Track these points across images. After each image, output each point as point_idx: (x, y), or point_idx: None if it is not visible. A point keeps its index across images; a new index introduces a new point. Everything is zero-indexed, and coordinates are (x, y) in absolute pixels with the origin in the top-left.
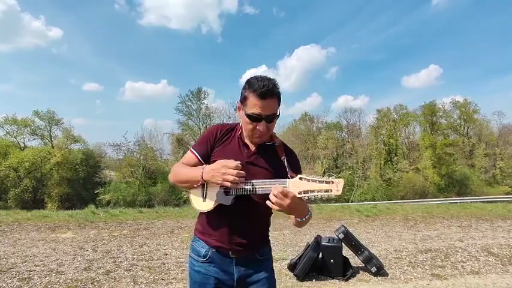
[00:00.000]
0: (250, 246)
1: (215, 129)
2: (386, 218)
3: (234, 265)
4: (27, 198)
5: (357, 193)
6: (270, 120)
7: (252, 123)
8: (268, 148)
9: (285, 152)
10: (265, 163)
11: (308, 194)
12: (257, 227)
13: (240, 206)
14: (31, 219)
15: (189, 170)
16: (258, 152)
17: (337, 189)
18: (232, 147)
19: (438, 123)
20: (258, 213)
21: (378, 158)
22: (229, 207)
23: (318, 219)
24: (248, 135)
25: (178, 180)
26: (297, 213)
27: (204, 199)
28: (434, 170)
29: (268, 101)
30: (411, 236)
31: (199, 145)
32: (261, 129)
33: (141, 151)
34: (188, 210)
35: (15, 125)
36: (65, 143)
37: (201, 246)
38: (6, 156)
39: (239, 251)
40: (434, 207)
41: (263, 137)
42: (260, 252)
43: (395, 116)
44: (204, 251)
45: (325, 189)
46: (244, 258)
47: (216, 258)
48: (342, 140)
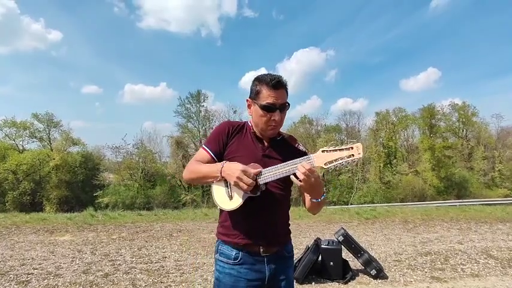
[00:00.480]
0: (279, 239)
1: (226, 125)
2: (386, 221)
3: (266, 264)
4: (25, 201)
5: (356, 196)
6: (282, 109)
7: (267, 114)
8: (280, 142)
9: (298, 142)
10: (282, 154)
11: (334, 163)
12: (283, 217)
13: (266, 195)
14: (29, 221)
15: (206, 166)
16: (272, 145)
17: (358, 153)
18: (247, 142)
19: (437, 126)
20: (283, 201)
21: (377, 161)
22: (254, 199)
23: (317, 222)
24: (262, 128)
25: (195, 176)
26: (316, 193)
27: (230, 197)
28: (434, 173)
29: (280, 91)
30: (411, 238)
31: (212, 142)
32: (276, 119)
33: (140, 154)
34: (187, 213)
35: (14, 127)
36: (64, 146)
37: (229, 249)
38: (4, 159)
39: (270, 247)
40: (433, 209)
41: (277, 127)
42: (287, 248)
43: (394, 119)
44: (235, 253)
45: (348, 155)
46: (275, 255)
47: (248, 259)
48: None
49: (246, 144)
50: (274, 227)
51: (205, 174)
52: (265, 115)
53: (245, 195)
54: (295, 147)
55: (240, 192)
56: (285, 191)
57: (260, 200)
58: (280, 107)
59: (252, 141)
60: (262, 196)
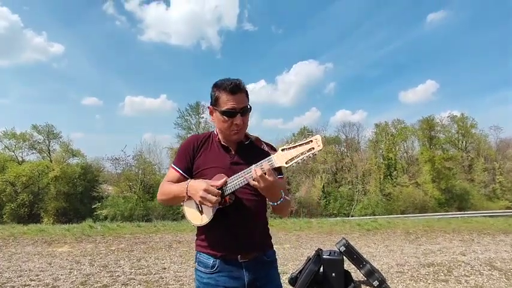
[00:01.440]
0: (257, 245)
1: (191, 140)
2: (387, 232)
3: (244, 270)
4: (23, 213)
5: (357, 208)
6: (243, 113)
7: (228, 120)
8: (247, 146)
9: (263, 142)
10: (250, 158)
11: (295, 159)
12: (259, 223)
13: (237, 204)
14: (27, 233)
15: (175, 186)
16: (239, 151)
17: (318, 145)
18: (213, 152)
19: (436, 137)
20: (257, 207)
21: (377, 173)
22: (226, 210)
23: (318, 233)
24: (226, 134)
25: (166, 198)
26: (272, 196)
27: (200, 212)
28: (434, 185)
29: (239, 96)
30: (413, 249)
31: (180, 160)
32: (237, 123)
33: (139, 165)
34: (187, 224)
35: (14, 139)
36: (64, 157)
37: (207, 258)
38: (3, 171)
39: (247, 254)
40: (435, 221)
41: (240, 132)
42: (267, 254)
43: (394, 131)
44: (212, 261)
45: (308, 149)
46: (253, 261)
47: (225, 266)
48: (341, 154)
49: (213, 155)
50: (250, 234)
51: (175, 194)
52: (227, 121)
53: (214, 209)
54: (261, 148)
55: (209, 207)
56: (258, 196)
57: (232, 209)
58: (241, 110)
59: (218, 150)
60: (233, 205)
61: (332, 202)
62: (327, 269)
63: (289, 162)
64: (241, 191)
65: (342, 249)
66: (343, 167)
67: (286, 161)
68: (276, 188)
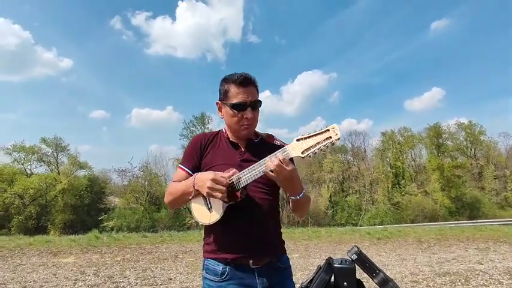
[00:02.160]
0: (269, 249)
1: (199, 138)
2: (398, 241)
3: (257, 277)
4: (30, 225)
5: (365, 217)
6: (254, 106)
7: (238, 113)
8: (258, 143)
9: (275, 139)
10: (260, 155)
11: (312, 149)
12: (272, 224)
13: (249, 202)
14: (33, 244)
15: (182, 183)
16: (249, 148)
17: (335, 134)
18: (222, 150)
19: (444, 145)
20: (270, 207)
21: (385, 181)
22: (237, 207)
23: (327, 242)
24: (236, 129)
25: (174, 197)
26: (293, 188)
27: (209, 210)
28: (444, 193)
29: (249, 88)
30: (426, 258)
31: (187, 160)
32: (248, 117)
33: (145, 177)
34: (193, 234)
35: (23, 152)
36: (71, 170)
37: (215, 264)
38: (12, 183)
39: (260, 259)
40: (447, 229)
41: (251, 127)
42: (281, 260)
43: (401, 139)
44: (221, 268)
45: (325, 138)
46: (267, 267)
47: (236, 273)
48: (347, 163)
49: (222, 152)
50: (263, 235)
51: (183, 191)
52: (236, 114)
53: (225, 205)
54: (273, 144)
55: (218, 203)
56: (271, 196)
57: (243, 207)
58: (251, 104)
59: (227, 148)
60: (245, 203)
61: (339, 212)
62: (338, 278)
63: (305, 153)
64: (253, 189)
65: (353, 258)
66: (350, 176)
67: (302, 151)
68: (296, 179)
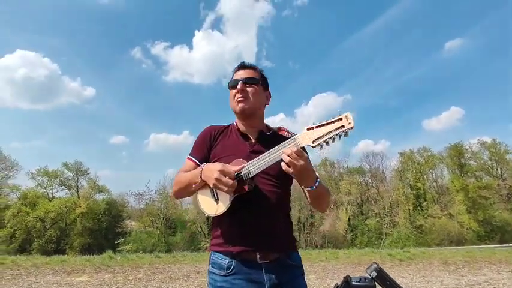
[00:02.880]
0: (278, 243)
1: (209, 130)
2: (423, 263)
3: (264, 272)
4: (50, 249)
5: (386, 242)
6: (246, 81)
7: (232, 91)
8: (269, 136)
9: (286, 130)
10: (271, 146)
11: (323, 138)
12: (281, 219)
13: (257, 194)
14: (49, 263)
15: (190, 173)
16: (259, 140)
17: (348, 123)
18: (232, 141)
19: (467, 165)
20: (279, 200)
21: (406, 204)
22: (244, 199)
23: (345, 264)
24: (233, 106)
25: (180, 187)
26: (308, 178)
27: (216, 201)
28: (470, 216)
29: (245, 71)
30: (454, 281)
31: (196, 150)
32: (239, 86)
33: (162, 200)
34: (206, 255)
35: (46, 176)
36: (90, 193)
37: (222, 258)
38: (34, 207)
39: (268, 253)
40: (476, 251)
41: (245, 101)
42: (291, 257)
43: (420, 159)
44: (227, 262)
45: (338, 127)
46: (275, 262)
47: (243, 267)
48: (365, 185)
49: (231, 143)
50: (271, 229)
51: (189, 181)
52: (232, 91)
53: (232, 196)
54: (285, 136)
55: (226, 195)
56: (280, 189)
57: (251, 200)
58: (244, 80)
59: (237, 139)
60: (253, 195)
61: (359, 236)
62: None
63: (316, 142)
64: (261, 181)
65: (373, 275)
66: (369, 198)
67: (312, 140)
68: (310, 168)
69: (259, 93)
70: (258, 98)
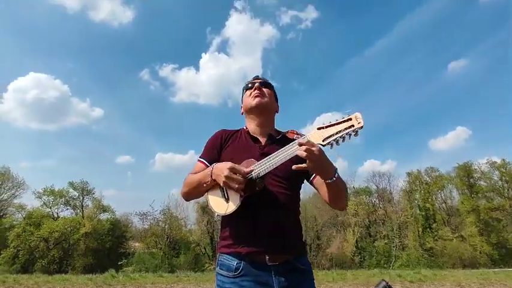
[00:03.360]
0: (287, 246)
1: (220, 133)
2: (435, 285)
3: (273, 275)
4: (52, 270)
5: (395, 265)
6: (263, 84)
7: (249, 91)
8: (278, 139)
9: (296, 134)
10: (281, 147)
11: (333, 137)
12: (291, 221)
13: (267, 195)
14: (51, 282)
15: (199, 173)
16: (269, 142)
17: (358, 122)
18: (242, 143)
19: (477, 185)
20: (289, 202)
21: (415, 225)
22: (254, 200)
23: (353, 285)
24: (250, 104)
25: (190, 188)
26: (327, 169)
27: (227, 201)
28: (482, 238)
29: (260, 80)
30: None
31: (206, 152)
32: (256, 85)
33: (166, 220)
34: (210, 274)
35: (52, 195)
36: (95, 213)
37: (230, 259)
38: (39, 227)
39: (277, 255)
40: (491, 273)
41: (261, 96)
42: (300, 260)
43: (428, 179)
44: (236, 263)
45: (348, 126)
46: (285, 265)
47: (251, 269)
48: (373, 205)
49: (242, 146)
50: (281, 231)
51: (198, 180)
52: (247, 92)
53: (242, 196)
54: (294, 139)
55: (236, 194)
56: (290, 191)
57: (261, 200)
58: (260, 82)
59: (247, 141)
60: (263, 196)
61: (368, 258)
62: None
63: (326, 140)
64: (271, 183)
65: None
66: (377, 219)
67: (323, 138)
68: (326, 159)
69: (272, 96)
70: (272, 101)
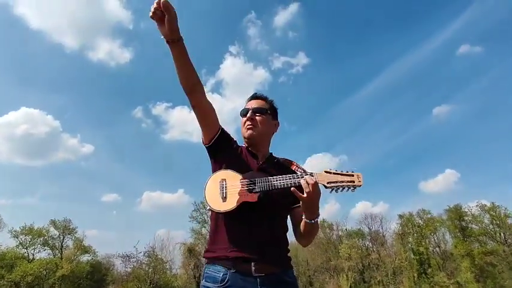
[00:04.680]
0: (274, 256)
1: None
2: None
3: (259, 286)
4: None
5: None
6: (256, 111)
7: (243, 118)
8: (276, 161)
9: (296, 166)
10: (277, 169)
11: (335, 183)
12: (281, 234)
13: (264, 205)
14: None
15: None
16: (267, 162)
17: (358, 181)
18: (243, 154)
19: (469, 228)
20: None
21: (410, 270)
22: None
23: None
24: (243, 132)
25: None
26: (314, 210)
27: (223, 199)
28: (479, 285)
29: (255, 101)
30: None
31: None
32: (248, 114)
33: (150, 263)
34: None
35: (30, 235)
36: (75, 254)
37: (216, 270)
38: (12, 269)
39: (263, 266)
40: None
41: (253, 128)
42: (287, 273)
43: (420, 222)
44: (222, 274)
45: (349, 180)
46: (270, 276)
47: (237, 280)
48: (366, 249)
49: (242, 157)
50: (269, 240)
51: None
52: (242, 119)
53: (240, 200)
54: (291, 168)
55: (235, 196)
56: (283, 211)
57: (256, 210)
58: (253, 109)
59: (247, 154)
60: (259, 207)
61: None
62: None
63: (330, 184)
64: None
65: None
66: (370, 263)
67: (327, 181)
68: (318, 202)
69: (267, 121)
70: (266, 127)
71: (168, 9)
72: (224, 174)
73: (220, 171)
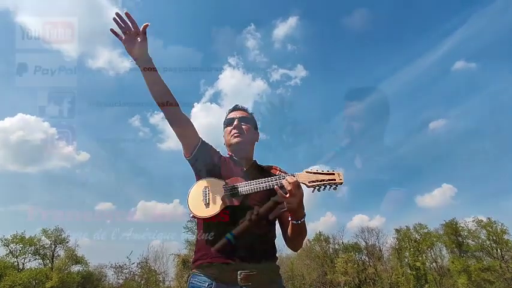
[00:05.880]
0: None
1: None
2: None
3: None
4: None
5: None
6: (241, 120)
7: (229, 127)
8: (260, 168)
9: (279, 170)
10: (261, 175)
11: (317, 183)
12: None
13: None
14: None
15: None
16: (251, 168)
17: (339, 179)
18: (227, 164)
19: (465, 244)
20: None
21: (407, 286)
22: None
23: None
24: (229, 140)
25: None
26: (299, 210)
27: (206, 205)
28: None
29: (239, 111)
30: None
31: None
32: (235, 123)
33: (143, 274)
34: None
35: (21, 243)
36: (66, 264)
37: (202, 280)
38: (0, 279)
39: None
40: None
41: (240, 136)
42: (274, 280)
43: (417, 236)
44: (207, 284)
45: (330, 179)
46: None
47: None
48: (362, 263)
49: (225, 165)
50: (255, 247)
51: None
52: (228, 128)
53: (222, 205)
54: (273, 174)
55: (218, 202)
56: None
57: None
58: (239, 118)
59: (229, 163)
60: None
61: None
62: None
63: (311, 183)
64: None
65: None
66: (367, 278)
67: (309, 181)
68: (302, 201)
69: (251, 130)
70: (250, 135)
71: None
72: (207, 182)
73: (202, 179)
